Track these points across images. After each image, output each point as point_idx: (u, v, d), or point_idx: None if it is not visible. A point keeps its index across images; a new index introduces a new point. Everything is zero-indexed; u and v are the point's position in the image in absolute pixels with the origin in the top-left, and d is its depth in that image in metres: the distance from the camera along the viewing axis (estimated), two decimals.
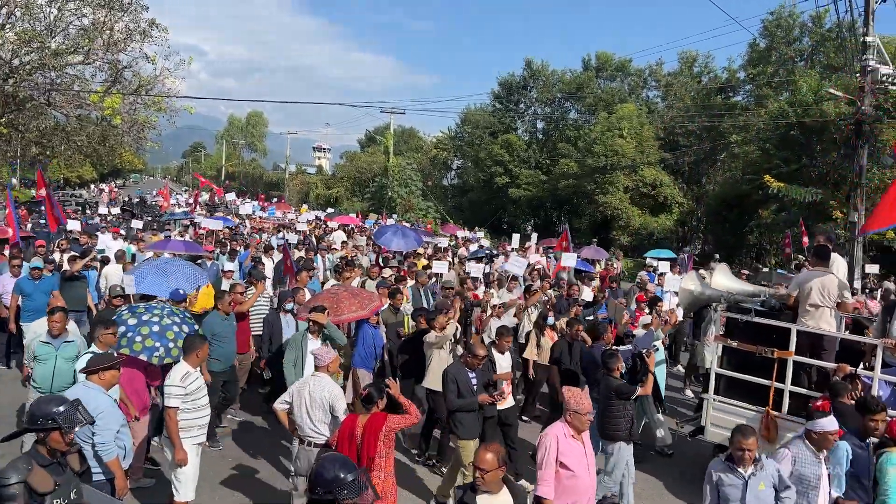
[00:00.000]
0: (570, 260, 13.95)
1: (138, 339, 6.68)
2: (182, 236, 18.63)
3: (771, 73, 32.18)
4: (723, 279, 8.46)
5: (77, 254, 12.48)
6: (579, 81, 42.21)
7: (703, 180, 37.11)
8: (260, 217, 30.27)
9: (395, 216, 34.75)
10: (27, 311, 9.99)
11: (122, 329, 6.77)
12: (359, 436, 5.28)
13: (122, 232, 19.35)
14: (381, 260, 15.15)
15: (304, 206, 44.18)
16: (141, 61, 21.68)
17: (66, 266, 11.73)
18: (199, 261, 13.65)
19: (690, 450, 8.85)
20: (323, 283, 13.09)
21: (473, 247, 21.86)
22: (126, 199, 47.96)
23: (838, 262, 7.77)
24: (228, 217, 27.35)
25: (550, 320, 9.96)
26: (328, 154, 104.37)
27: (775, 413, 7.01)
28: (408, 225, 24.65)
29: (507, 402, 7.69)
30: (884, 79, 16.48)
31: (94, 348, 6.38)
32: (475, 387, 6.95)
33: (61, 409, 3.93)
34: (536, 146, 44.19)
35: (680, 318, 11.54)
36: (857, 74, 17.11)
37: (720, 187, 34.06)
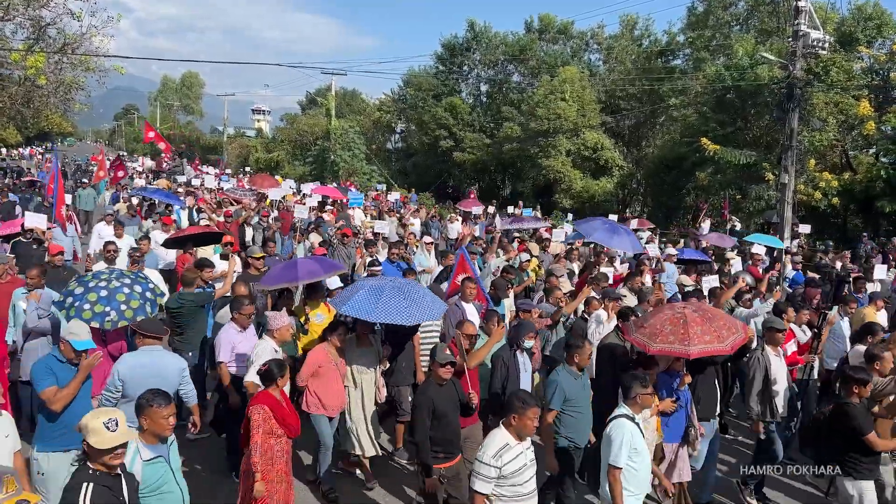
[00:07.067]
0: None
1: (86, 306, 6.45)
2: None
3: (708, 37, 32.72)
4: None
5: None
6: (522, 44, 42.08)
7: (643, 143, 37.77)
8: (228, 191, 23.72)
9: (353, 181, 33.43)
10: None
11: (68, 300, 6.54)
12: None
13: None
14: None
15: (279, 178, 33.64)
16: (66, 18, 20.55)
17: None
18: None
19: None
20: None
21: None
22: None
23: None
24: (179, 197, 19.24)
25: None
26: (268, 116, 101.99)
27: None
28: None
29: None
30: (814, 43, 16.97)
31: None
32: None
33: None
34: (480, 109, 44.02)
35: None
36: (790, 39, 17.57)
37: (659, 150, 34.66)
